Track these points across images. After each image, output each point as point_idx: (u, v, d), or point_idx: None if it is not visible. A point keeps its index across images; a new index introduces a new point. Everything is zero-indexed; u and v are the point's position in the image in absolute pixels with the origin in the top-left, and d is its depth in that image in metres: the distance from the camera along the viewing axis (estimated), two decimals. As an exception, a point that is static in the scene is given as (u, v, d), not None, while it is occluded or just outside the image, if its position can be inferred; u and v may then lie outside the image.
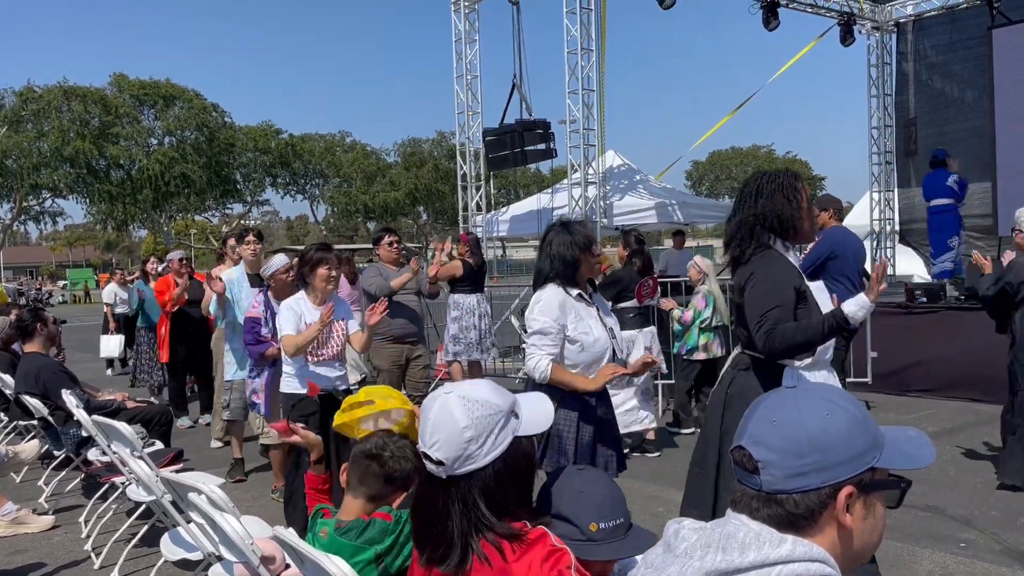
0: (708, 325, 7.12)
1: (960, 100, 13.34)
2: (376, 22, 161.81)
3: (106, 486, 5.14)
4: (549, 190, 13.76)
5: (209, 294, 6.51)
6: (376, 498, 2.47)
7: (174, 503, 3.65)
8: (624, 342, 3.72)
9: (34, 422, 6.02)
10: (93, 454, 5.30)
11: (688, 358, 7.21)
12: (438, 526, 1.57)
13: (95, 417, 4.65)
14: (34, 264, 75.78)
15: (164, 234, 43.09)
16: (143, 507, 4.46)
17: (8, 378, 6.45)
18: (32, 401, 5.65)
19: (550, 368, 3.27)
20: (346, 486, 2.55)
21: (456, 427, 1.53)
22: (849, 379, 7.45)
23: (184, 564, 3.79)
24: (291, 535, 2.26)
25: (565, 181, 11.91)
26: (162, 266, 9.64)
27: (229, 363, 6.32)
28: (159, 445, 5.55)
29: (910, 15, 14.11)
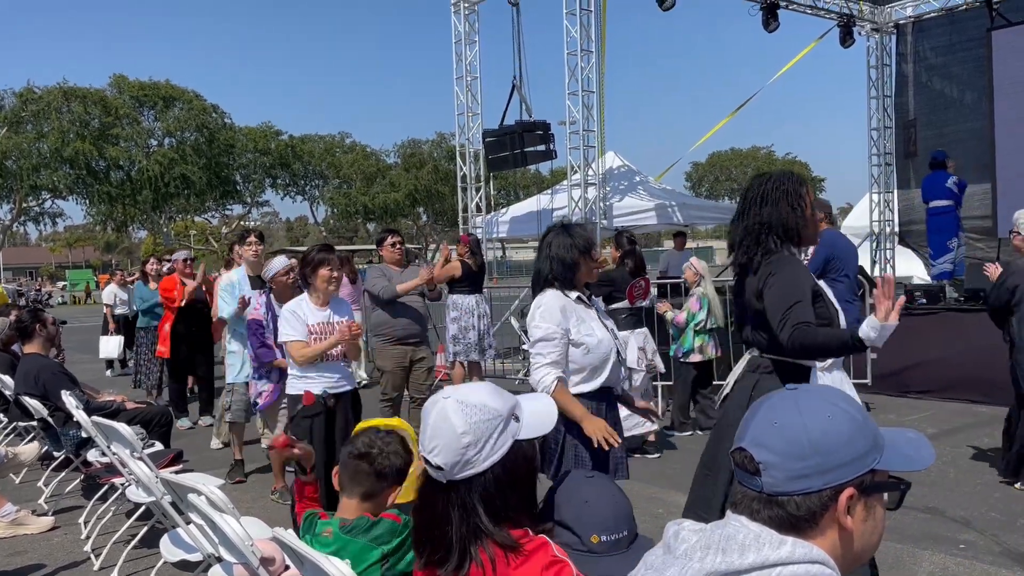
0: (703, 327, 7.13)
1: (960, 102, 13.35)
2: (376, 22, 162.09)
3: (106, 487, 5.14)
4: (549, 191, 13.76)
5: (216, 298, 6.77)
6: (371, 496, 2.48)
7: (174, 504, 3.65)
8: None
9: (34, 423, 6.01)
10: (93, 455, 5.30)
11: (684, 360, 7.22)
12: (437, 530, 1.56)
13: (95, 418, 4.65)
14: (34, 265, 75.76)
15: (164, 235, 43.06)
16: (143, 508, 4.46)
17: (8, 379, 6.45)
18: (32, 402, 5.65)
19: (555, 387, 3.18)
20: (340, 488, 2.56)
21: (454, 433, 1.52)
22: (849, 380, 7.46)
23: (184, 565, 3.79)
24: (291, 536, 2.26)
25: (565, 182, 11.91)
26: (166, 266, 9.66)
27: (231, 365, 6.33)
28: (159, 446, 5.55)
29: (910, 17, 14.12)
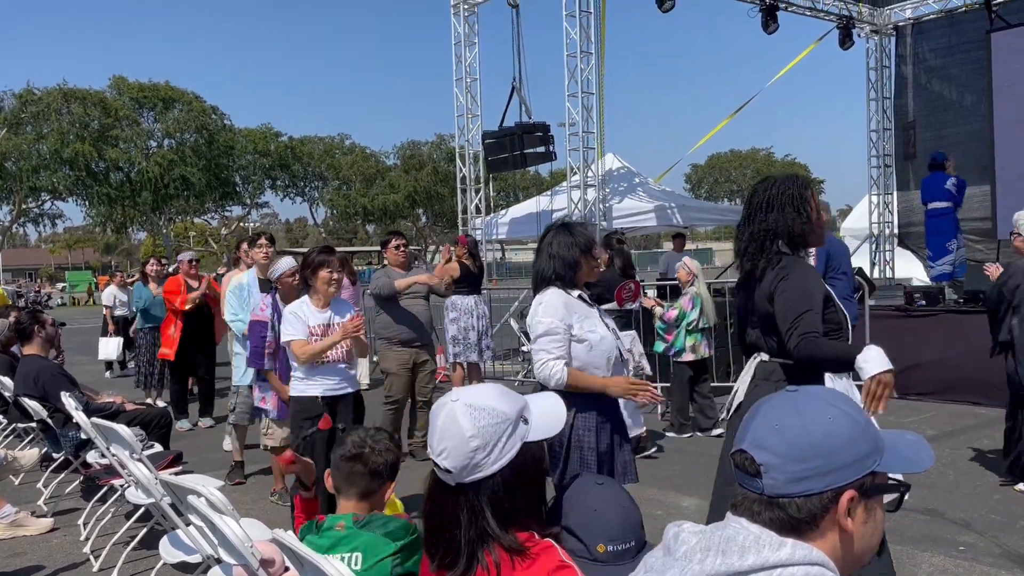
0: (695, 327, 7.13)
1: (959, 104, 13.36)
2: (376, 22, 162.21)
3: (105, 488, 5.13)
4: (548, 193, 13.78)
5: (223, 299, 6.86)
6: (368, 494, 2.51)
7: (173, 506, 3.65)
8: None
9: (33, 424, 6.01)
10: (92, 456, 5.29)
11: (677, 360, 7.22)
12: (447, 533, 1.56)
13: (94, 419, 4.65)
14: (33, 266, 75.73)
15: (163, 236, 43.06)
16: (142, 510, 4.46)
17: (7, 380, 6.44)
18: (31, 403, 5.64)
19: (566, 372, 3.11)
20: (335, 491, 2.57)
21: (462, 436, 1.51)
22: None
23: (183, 567, 3.78)
24: (290, 538, 2.26)
25: (564, 184, 11.92)
26: (172, 267, 9.65)
27: (236, 367, 6.31)
28: (158, 448, 5.54)
29: (909, 18, 14.13)
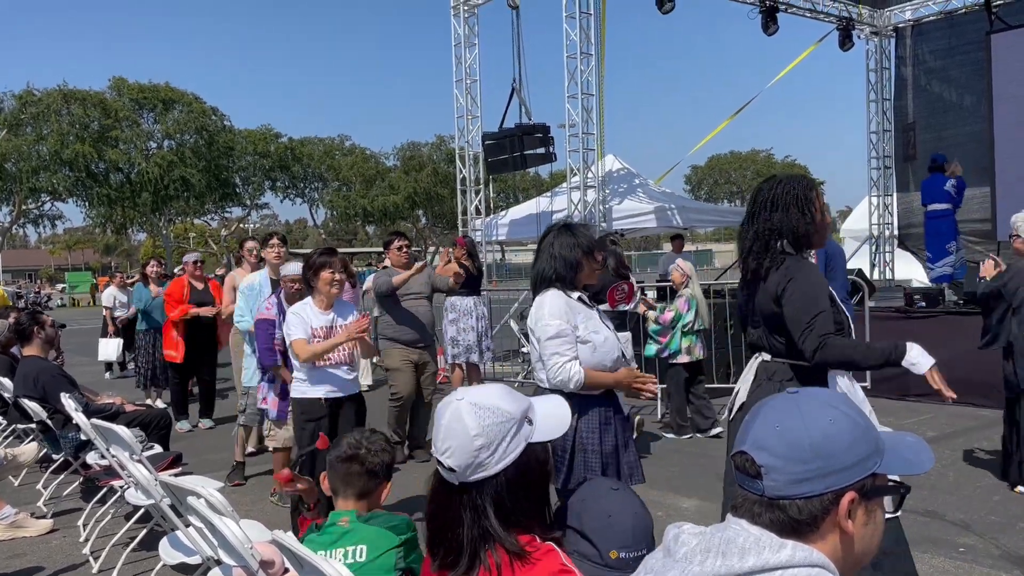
0: (691, 328, 7.13)
1: (959, 105, 13.38)
2: (376, 22, 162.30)
3: (105, 490, 5.13)
4: (548, 194, 13.78)
5: (227, 301, 7.03)
6: (365, 494, 2.54)
7: (173, 507, 3.65)
8: None
9: (33, 426, 6.01)
10: (92, 458, 5.29)
11: (672, 362, 7.22)
12: (449, 532, 1.56)
13: (94, 421, 4.65)
14: (33, 267, 75.70)
15: (163, 237, 43.07)
16: (142, 511, 4.46)
17: (7, 381, 6.44)
18: (31, 404, 5.64)
19: (583, 373, 3.08)
20: (332, 493, 2.59)
21: (467, 435, 1.52)
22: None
23: (183, 568, 3.78)
24: (290, 539, 2.26)
25: (564, 185, 11.93)
26: (178, 268, 9.66)
27: (246, 368, 6.29)
28: (158, 449, 5.54)
29: (909, 20, 14.15)
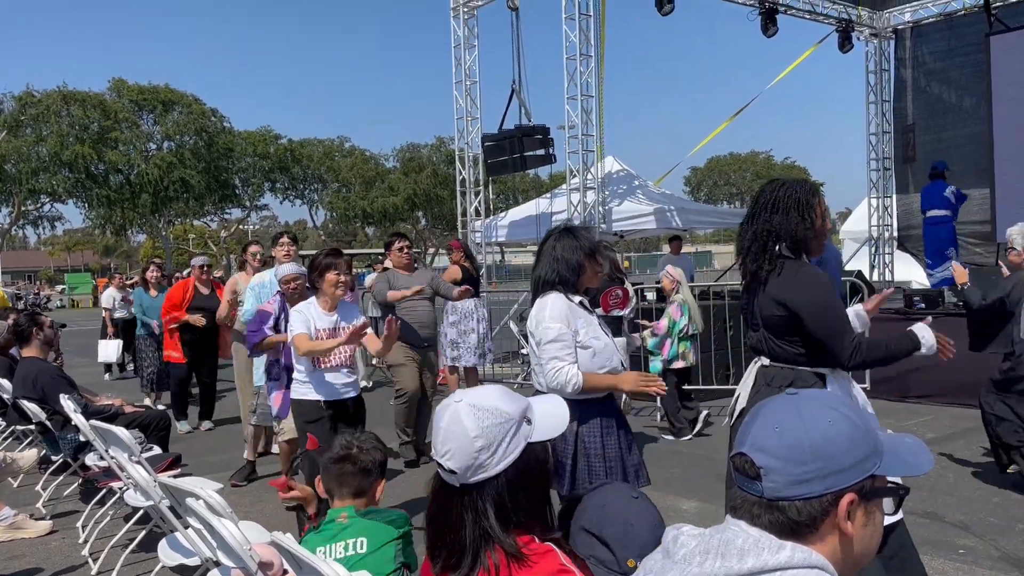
0: (685, 334, 7.13)
1: (958, 107, 13.39)
2: (376, 23, 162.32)
3: (104, 491, 5.12)
4: (548, 195, 13.78)
5: (224, 305, 7.02)
6: (361, 493, 2.59)
7: (172, 508, 3.64)
8: None
9: (32, 427, 6.01)
10: (91, 459, 5.28)
11: (668, 368, 7.22)
12: (451, 534, 1.56)
13: (93, 422, 4.65)
14: (32, 269, 75.65)
15: (163, 239, 43.07)
16: (141, 512, 4.45)
17: (6, 383, 6.44)
18: (30, 406, 5.64)
19: (582, 377, 3.06)
20: (327, 495, 2.61)
21: (467, 436, 1.52)
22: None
23: (182, 570, 3.77)
24: (289, 540, 2.26)
25: (564, 186, 11.93)
26: (187, 270, 9.67)
27: (257, 367, 6.28)
28: (157, 450, 5.54)
29: (908, 22, 14.16)
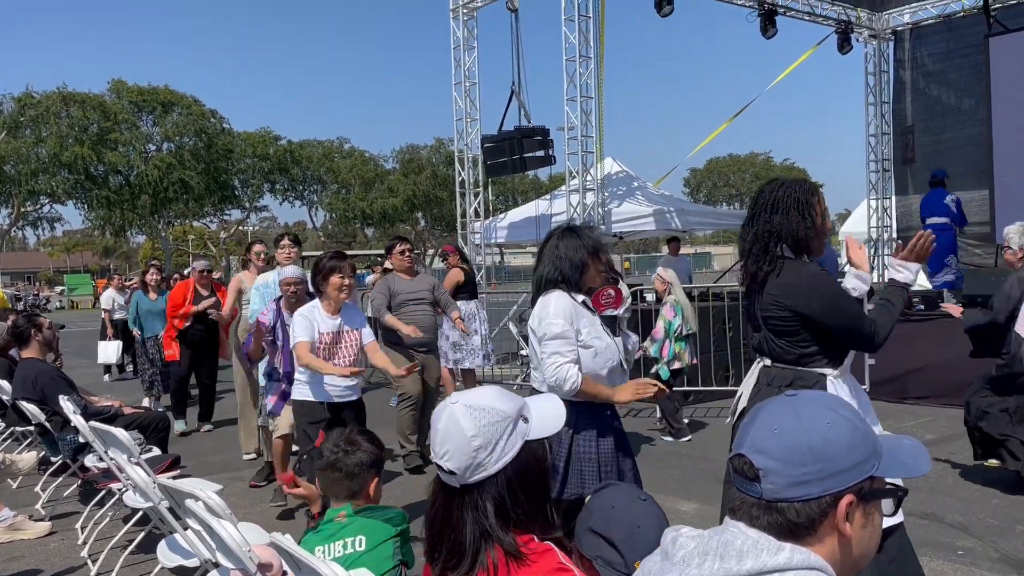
0: (680, 334, 7.13)
1: (957, 108, 13.39)
2: (376, 23, 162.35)
3: (103, 492, 5.12)
4: (547, 196, 13.78)
5: (230, 303, 7.03)
6: (356, 493, 2.64)
7: (171, 509, 3.64)
8: None
9: (31, 428, 6.00)
10: (90, 460, 5.28)
11: (671, 370, 7.20)
12: (452, 535, 1.57)
13: (92, 423, 4.64)
14: (32, 270, 75.63)
15: (162, 240, 43.07)
16: (140, 513, 4.45)
17: (5, 384, 6.43)
18: (29, 407, 5.63)
19: (581, 378, 3.02)
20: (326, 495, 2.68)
21: (464, 436, 1.53)
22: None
23: (181, 571, 3.77)
24: (288, 541, 2.26)
25: (563, 188, 11.94)
26: (187, 270, 9.65)
27: (262, 367, 6.28)
28: (156, 451, 5.54)
29: (907, 23, 14.17)
